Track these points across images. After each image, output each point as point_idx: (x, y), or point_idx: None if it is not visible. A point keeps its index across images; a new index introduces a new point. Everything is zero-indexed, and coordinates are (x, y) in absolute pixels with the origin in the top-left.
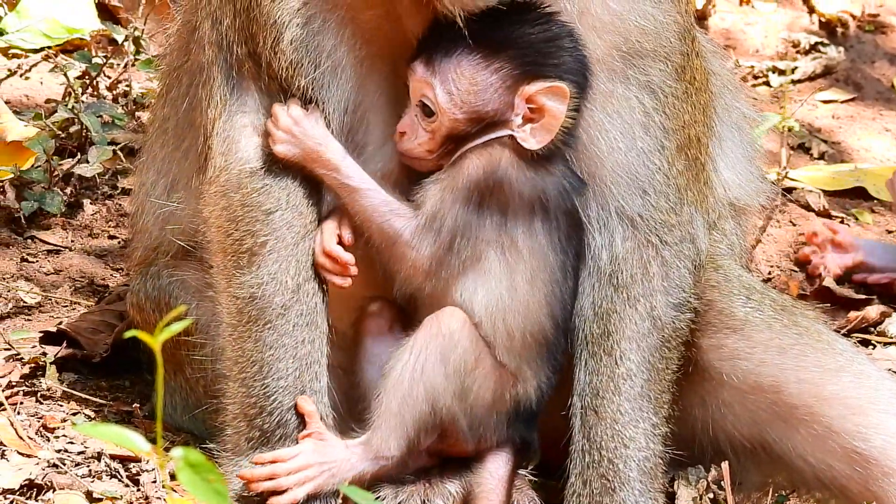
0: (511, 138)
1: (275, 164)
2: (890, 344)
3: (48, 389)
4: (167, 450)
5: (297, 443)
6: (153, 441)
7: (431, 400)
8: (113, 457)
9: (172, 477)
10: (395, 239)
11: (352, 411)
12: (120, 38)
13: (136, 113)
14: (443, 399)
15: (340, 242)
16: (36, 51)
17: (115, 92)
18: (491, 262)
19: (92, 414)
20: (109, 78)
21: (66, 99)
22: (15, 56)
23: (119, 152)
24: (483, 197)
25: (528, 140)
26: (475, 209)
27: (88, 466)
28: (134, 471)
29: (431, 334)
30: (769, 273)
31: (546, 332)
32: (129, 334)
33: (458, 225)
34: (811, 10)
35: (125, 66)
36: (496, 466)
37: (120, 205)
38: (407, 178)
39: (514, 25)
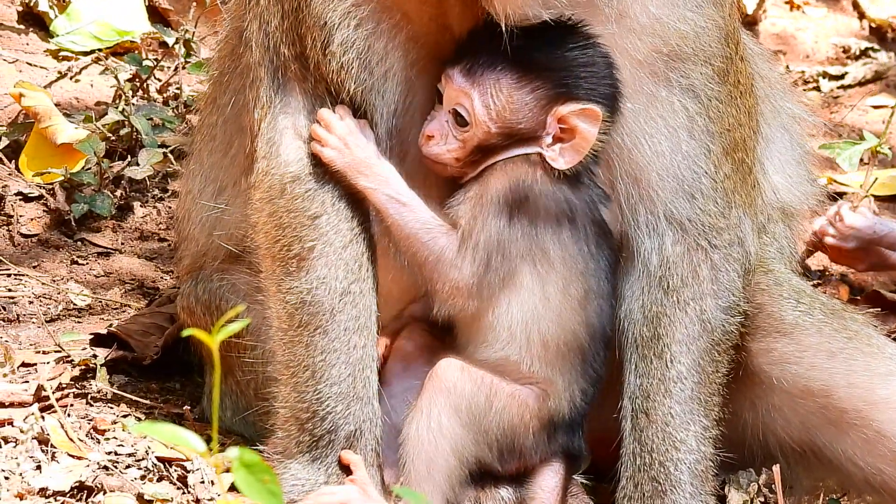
0: (539, 156)
1: (318, 169)
2: None
3: (98, 391)
4: (219, 451)
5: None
6: (207, 441)
7: (457, 453)
8: (163, 459)
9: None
10: (440, 257)
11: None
12: (170, 41)
13: (187, 116)
14: (467, 449)
15: None
16: (86, 53)
17: (165, 95)
18: (524, 276)
19: (142, 416)
20: (160, 80)
21: (117, 101)
22: (65, 58)
23: (169, 155)
24: (512, 210)
25: (556, 160)
26: (506, 223)
27: (139, 469)
28: (184, 473)
29: (436, 391)
30: (820, 277)
31: (581, 341)
32: (186, 333)
33: (493, 241)
34: (861, 16)
35: (175, 68)
36: (546, 479)
37: (170, 207)
38: (447, 182)
39: (554, 46)
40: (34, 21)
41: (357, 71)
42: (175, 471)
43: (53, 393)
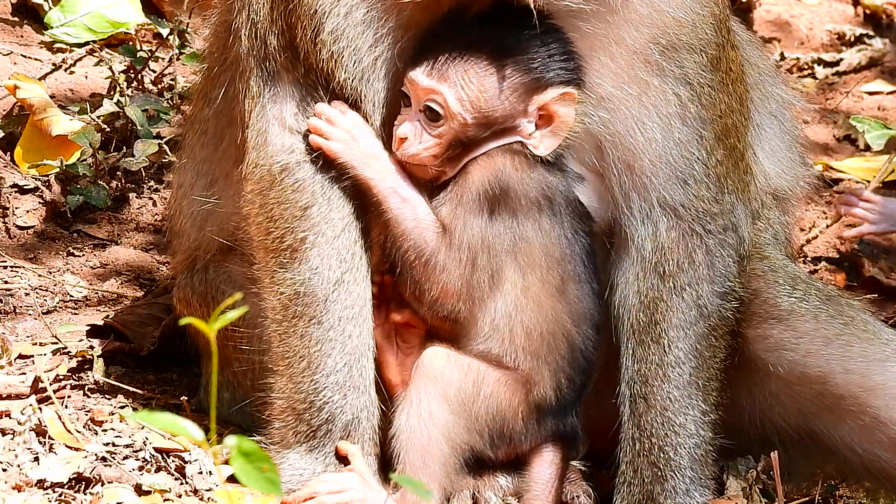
0: (520, 144)
1: (307, 159)
2: None
3: (95, 383)
4: (217, 442)
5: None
6: (205, 431)
7: (448, 440)
8: (161, 450)
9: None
10: (431, 257)
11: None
12: (165, 32)
13: (182, 106)
14: (459, 436)
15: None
16: (81, 45)
17: (160, 86)
18: (508, 270)
19: (139, 407)
20: (154, 72)
21: (112, 93)
22: (60, 50)
23: (164, 146)
24: (493, 205)
25: (538, 147)
26: (488, 220)
27: (137, 459)
28: (182, 463)
29: (424, 380)
30: (816, 264)
31: (565, 327)
32: (184, 321)
33: (477, 240)
34: (856, 2)
35: (170, 59)
36: (541, 471)
37: (165, 198)
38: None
39: (514, 32)
40: (28, 13)
41: (347, 60)
42: (173, 461)
43: (51, 384)
